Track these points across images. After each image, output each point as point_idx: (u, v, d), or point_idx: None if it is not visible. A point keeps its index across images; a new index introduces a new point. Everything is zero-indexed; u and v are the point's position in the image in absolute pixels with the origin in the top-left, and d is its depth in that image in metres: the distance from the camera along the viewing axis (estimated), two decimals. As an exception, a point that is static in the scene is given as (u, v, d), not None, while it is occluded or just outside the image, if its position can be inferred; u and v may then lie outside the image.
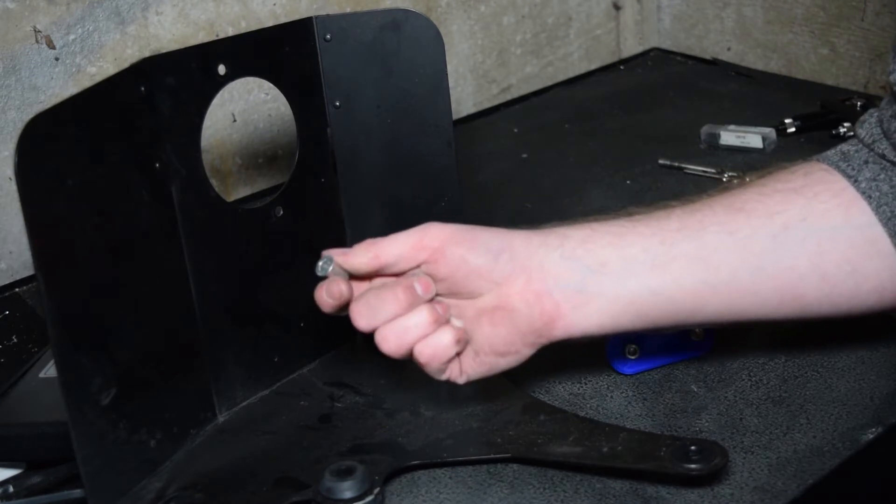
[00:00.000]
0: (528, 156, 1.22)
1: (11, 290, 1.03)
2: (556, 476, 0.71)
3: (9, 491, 0.73)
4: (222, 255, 0.77)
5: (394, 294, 0.67)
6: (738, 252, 0.70)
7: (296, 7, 1.15)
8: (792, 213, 0.71)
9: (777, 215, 0.71)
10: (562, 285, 0.69)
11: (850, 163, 0.72)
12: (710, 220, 0.71)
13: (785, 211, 0.71)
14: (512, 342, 0.70)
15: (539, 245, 0.70)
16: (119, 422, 0.69)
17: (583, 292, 0.69)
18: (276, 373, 0.82)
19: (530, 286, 0.69)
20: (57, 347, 0.65)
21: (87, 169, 0.66)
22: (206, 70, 0.75)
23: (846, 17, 1.26)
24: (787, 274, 0.71)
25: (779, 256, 0.70)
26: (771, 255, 0.70)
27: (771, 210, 0.71)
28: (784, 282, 0.71)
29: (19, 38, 0.99)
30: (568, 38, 1.41)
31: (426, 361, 0.68)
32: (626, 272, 0.69)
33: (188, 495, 0.70)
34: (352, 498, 0.67)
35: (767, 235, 0.70)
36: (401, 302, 0.67)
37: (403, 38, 0.80)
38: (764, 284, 0.71)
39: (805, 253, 0.70)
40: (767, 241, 0.70)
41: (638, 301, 0.70)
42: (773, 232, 0.70)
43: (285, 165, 1.16)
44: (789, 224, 0.70)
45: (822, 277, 0.71)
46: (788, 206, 0.71)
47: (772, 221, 0.71)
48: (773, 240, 0.70)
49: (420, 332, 0.68)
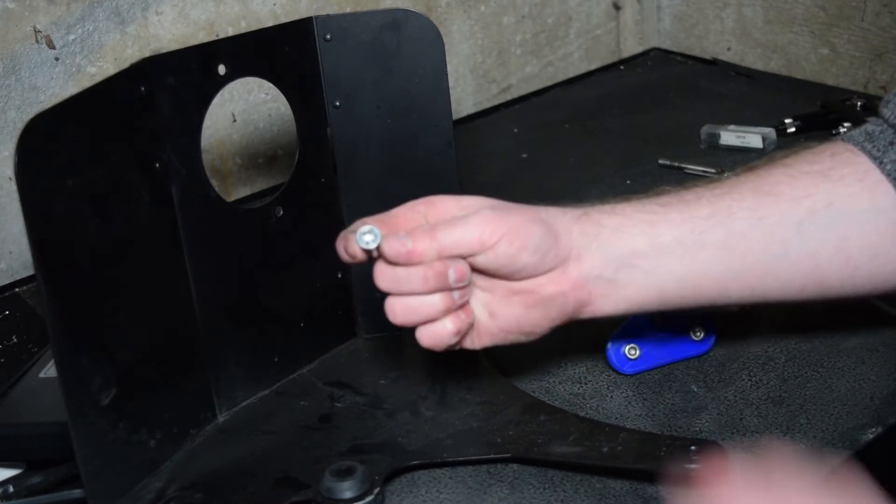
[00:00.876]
0: (528, 156, 1.22)
1: (11, 290, 1.03)
2: (556, 476, 0.71)
3: (9, 491, 0.73)
4: (222, 255, 0.77)
5: (424, 275, 0.67)
6: (765, 239, 0.71)
7: (296, 7, 1.15)
8: (818, 197, 0.71)
9: (804, 199, 0.71)
10: (595, 275, 0.70)
11: (875, 143, 0.73)
12: (738, 206, 0.71)
13: (811, 195, 0.71)
14: (540, 324, 0.71)
15: (579, 235, 0.70)
16: (119, 422, 0.69)
17: (614, 282, 0.70)
18: (276, 373, 0.82)
19: (567, 276, 0.70)
20: (57, 347, 0.65)
21: (87, 169, 0.66)
22: (206, 70, 0.75)
23: (846, 17, 1.26)
24: (811, 259, 0.71)
25: (804, 242, 0.71)
26: (796, 240, 0.71)
27: (798, 194, 0.71)
28: (808, 266, 0.72)
29: (19, 38, 0.99)
30: (568, 38, 1.41)
31: (425, 345, 0.69)
32: (656, 263, 0.70)
33: (188, 495, 0.70)
34: (352, 498, 0.67)
35: (794, 221, 0.71)
36: (428, 284, 0.67)
37: (403, 38, 0.80)
38: (788, 269, 0.72)
39: (830, 238, 0.71)
40: (793, 227, 0.71)
41: (665, 290, 0.71)
42: (800, 218, 0.71)
43: (285, 165, 1.16)
44: (815, 209, 0.71)
45: (846, 262, 0.71)
46: (815, 190, 0.71)
47: (799, 206, 0.71)
48: (799, 226, 0.71)
49: (427, 316, 0.68)
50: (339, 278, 0.85)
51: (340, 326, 0.86)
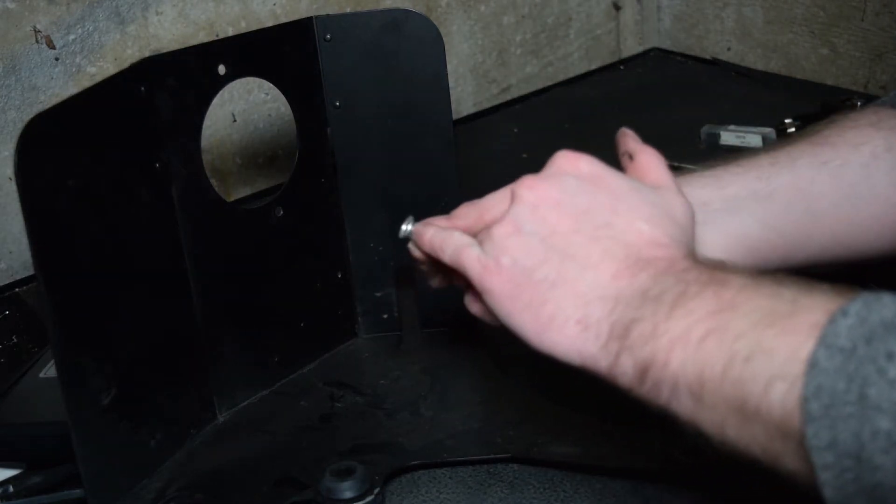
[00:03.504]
0: (527, 156, 1.22)
1: (11, 290, 1.03)
2: (556, 476, 0.71)
3: (9, 491, 0.73)
4: (222, 255, 0.77)
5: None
6: (834, 182, 0.70)
7: (296, 7, 1.15)
8: (876, 143, 0.71)
9: (863, 146, 0.71)
10: None
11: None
12: (798, 153, 0.71)
13: (868, 142, 0.71)
14: None
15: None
16: (119, 422, 0.69)
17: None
18: (276, 373, 0.82)
19: None
20: (57, 347, 0.65)
21: (87, 169, 0.66)
22: (206, 70, 0.75)
23: (846, 17, 1.26)
24: (883, 202, 0.71)
25: (872, 185, 0.70)
26: (865, 183, 0.70)
27: (855, 142, 0.71)
28: (881, 210, 0.71)
29: (19, 38, 0.99)
30: (568, 38, 1.41)
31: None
32: (731, 208, 0.69)
33: (188, 495, 0.70)
34: (352, 498, 0.67)
35: (858, 164, 0.70)
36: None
37: (403, 38, 0.80)
38: (862, 213, 0.71)
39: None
40: (859, 169, 0.70)
41: (749, 235, 0.70)
42: (863, 161, 0.70)
43: (285, 165, 1.16)
44: (876, 154, 0.70)
45: None
46: (870, 139, 0.71)
47: (859, 152, 0.71)
48: (865, 168, 0.70)
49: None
50: (339, 278, 0.85)
51: (340, 326, 0.86)
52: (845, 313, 0.45)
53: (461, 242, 0.62)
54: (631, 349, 0.54)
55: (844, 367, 0.44)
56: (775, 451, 0.48)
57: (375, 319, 0.87)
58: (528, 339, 0.58)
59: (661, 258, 0.56)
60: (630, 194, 0.59)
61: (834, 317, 0.45)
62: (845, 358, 0.44)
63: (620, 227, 0.58)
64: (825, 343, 0.45)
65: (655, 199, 0.60)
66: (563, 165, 0.61)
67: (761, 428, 0.48)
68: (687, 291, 0.53)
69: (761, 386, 0.47)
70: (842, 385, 0.44)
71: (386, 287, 0.86)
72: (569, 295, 0.57)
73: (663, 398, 0.53)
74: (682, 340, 0.51)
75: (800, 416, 0.45)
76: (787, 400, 0.46)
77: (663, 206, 0.60)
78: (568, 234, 0.58)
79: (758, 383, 0.47)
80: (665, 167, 0.63)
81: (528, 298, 0.58)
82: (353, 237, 0.85)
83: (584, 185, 0.60)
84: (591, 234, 0.58)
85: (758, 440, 0.48)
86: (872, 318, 0.44)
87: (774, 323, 0.48)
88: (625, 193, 0.59)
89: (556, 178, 0.60)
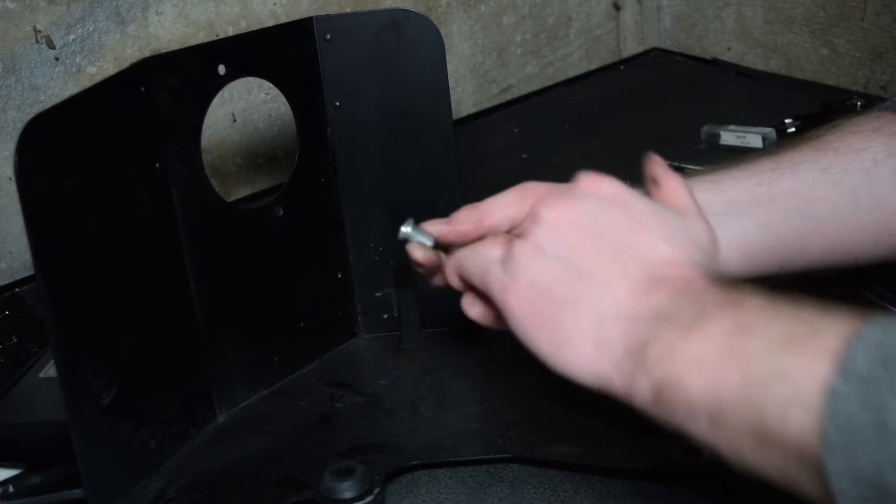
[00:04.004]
0: (527, 156, 1.22)
1: (11, 290, 1.03)
2: (556, 476, 0.71)
3: (9, 491, 0.73)
4: (222, 255, 0.77)
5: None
6: (835, 187, 0.71)
7: (296, 7, 1.15)
8: (878, 148, 0.72)
9: (864, 151, 0.72)
10: None
11: None
12: (800, 159, 0.72)
13: (870, 147, 0.72)
14: None
15: None
16: (119, 422, 0.69)
17: None
18: (276, 373, 0.82)
19: None
20: (57, 347, 0.65)
21: (87, 169, 0.66)
22: (206, 70, 0.75)
23: (846, 17, 1.26)
24: (883, 209, 0.72)
25: (873, 191, 0.71)
26: (865, 189, 0.71)
27: (857, 147, 0.72)
28: (880, 217, 0.72)
29: (19, 38, 0.99)
30: (568, 38, 1.41)
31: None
32: (732, 213, 0.70)
33: (188, 495, 0.70)
34: (352, 498, 0.67)
35: (859, 170, 0.71)
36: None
37: (403, 38, 0.80)
38: (862, 219, 0.72)
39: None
40: (860, 175, 0.71)
41: (749, 240, 0.70)
42: (865, 167, 0.71)
43: (285, 165, 1.16)
44: (877, 159, 0.71)
45: None
46: (872, 144, 0.72)
47: (861, 157, 0.71)
48: (866, 174, 0.71)
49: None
50: (339, 278, 0.85)
51: (340, 326, 0.86)
52: (862, 337, 0.45)
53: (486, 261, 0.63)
54: (646, 369, 0.54)
55: (862, 394, 0.44)
56: (793, 475, 0.48)
57: (375, 319, 0.87)
58: (544, 358, 0.59)
59: (678, 277, 0.56)
60: (651, 216, 0.60)
61: (851, 341, 0.45)
62: (863, 385, 0.44)
63: (640, 248, 0.58)
64: (843, 369, 0.45)
65: (677, 223, 0.60)
66: (586, 186, 0.62)
67: (779, 452, 0.48)
68: (703, 312, 0.53)
69: (779, 411, 0.47)
70: (859, 412, 0.44)
71: (386, 287, 0.86)
72: (586, 314, 0.57)
73: (678, 418, 0.53)
74: (698, 362, 0.51)
75: (818, 443, 0.45)
76: (805, 426, 0.46)
77: (685, 229, 0.60)
78: (588, 254, 0.58)
79: (776, 408, 0.47)
80: (689, 193, 0.63)
81: (545, 318, 0.58)
82: (353, 237, 0.85)
83: (606, 206, 0.60)
84: (611, 255, 0.58)
85: (775, 463, 0.49)
86: (889, 343, 0.44)
87: (791, 347, 0.48)
88: (646, 215, 0.60)
89: (578, 199, 0.61)
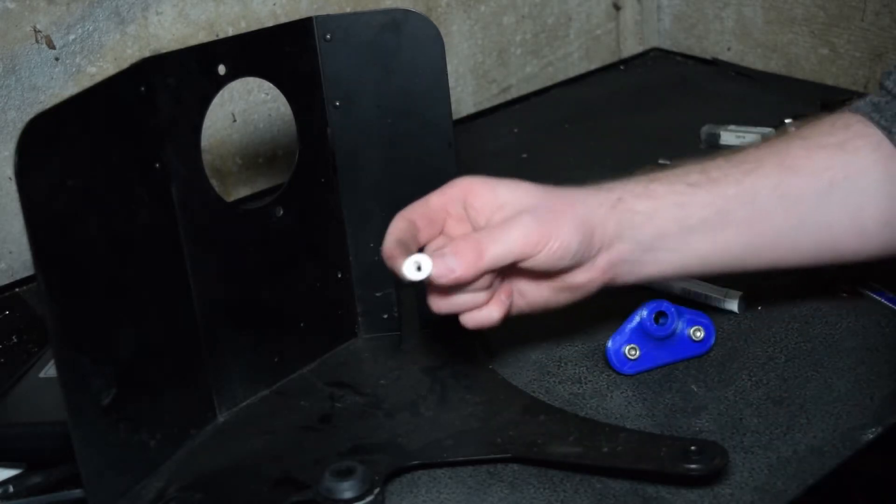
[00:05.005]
0: (527, 156, 1.22)
1: (11, 290, 1.03)
2: (556, 476, 0.71)
3: (9, 491, 0.73)
4: (222, 255, 0.77)
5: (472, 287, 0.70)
6: (786, 212, 0.74)
7: (296, 7, 1.15)
8: (836, 170, 0.74)
9: (824, 172, 0.74)
10: (623, 259, 0.73)
11: (882, 114, 0.75)
12: (762, 184, 0.74)
13: (830, 168, 0.74)
14: (565, 301, 0.75)
15: (614, 226, 0.72)
16: (119, 422, 0.69)
17: (640, 262, 0.74)
18: (276, 373, 0.82)
19: (597, 265, 0.72)
20: (57, 347, 0.65)
21: (87, 169, 0.66)
22: (206, 70, 0.75)
23: (846, 17, 1.26)
24: (828, 230, 0.75)
25: (821, 215, 0.74)
26: (815, 213, 0.74)
27: (818, 167, 0.74)
28: (824, 237, 0.75)
29: (19, 38, 0.99)
30: (568, 38, 1.41)
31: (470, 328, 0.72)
32: (683, 243, 0.73)
33: (188, 495, 0.70)
34: (352, 498, 0.67)
35: (814, 195, 0.74)
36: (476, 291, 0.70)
37: (403, 38, 0.80)
38: (804, 240, 0.75)
39: (846, 210, 0.74)
40: (813, 200, 0.74)
41: (687, 265, 0.75)
42: (820, 191, 0.74)
43: (285, 165, 1.16)
44: (834, 181, 0.73)
45: (860, 232, 0.75)
46: (833, 163, 0.74)
47: (818, 180, 0.74)
48: (819, 199, 0.74)
49: (473, 306, 0.71)
50: (339, 278, 0.85)
51: (340, 326, 0.86)
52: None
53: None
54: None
55: None
56: None
57: (375, 319, 0.87)
58: None
59: None
60: None
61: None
62: None
63: None
64: None
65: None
66: None
67: None
68: None
69: None
70: None
71: (386, 287, 0.86)
72: None
73: None
74: None
75: None
76: None
77: None
78: None
79: None
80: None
81: None
82: (353, 237, 0.85)
83: None
84: None
85: None
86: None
87: None
88: None
89: None
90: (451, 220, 0.73)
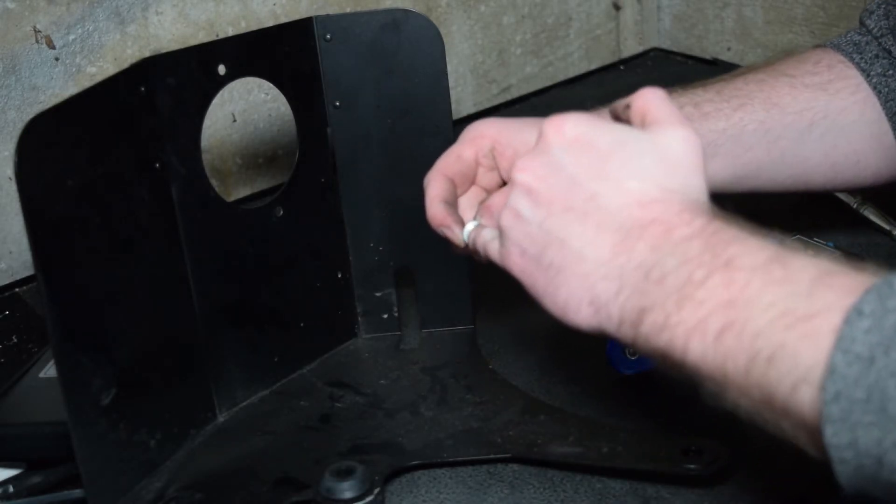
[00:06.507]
0: (528, 156, 1.22)
1: (11, 290, 1.03)
2: (556, 476, 0.71)
3: (9, 491, 0.73)
4: (222, 255, 0.77)
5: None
6: (768, 147, 0.79)
7: (296, 7, 1.15)
8: (817, 110, 0.79)
9: (806, 112, 0.79)
10: None
11: (862, 55, 0.81)
12: (749, 119, 0.78)
13: (812, 108, 0.79)
14: None
15: None
16: (119, 422, 0.69)
17: None
18: (276, 373, 0.82)
19: None
20: (57, 347, 0.65)
21: (87, 169, 0.66)
22: (206, 70, 0.75)
23: (846, 17, 1.26)
24: (803, 164, 0.80)
25: (799, 150, 0.80)
26: (793, 149, 0.79)
27: (801, 107, 0.79)
28: (799, 170, 0.81)
29: (19, 38, 0.99)
30: (568, 38, 1.41)
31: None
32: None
33: (188, 495, 0.70)
34: (352, 498, 0.67)
35: (795, 132, 0.79)
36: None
37: (403, 38, 0.80)
38: (781, 172, 0.80)
39: (821, 147, 0.80)
40: (794, 136, 0.79)
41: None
42: (801, 129, 0.79)
43: (285, 165, 1.16)
44: (814, 121, 0.79)
45: (832, 167, 0.81)
46: (815, 103, 0.79)
47: (801, 118, 0.79)
48: (799, 136, 0.79)
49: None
50: (339, 278, 0.85)
51: (340, 326, 0.86)
52: (860, 313, 0.45)
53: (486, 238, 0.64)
54: (647, 338, 0.54)
55: (864, 378, 0.44)
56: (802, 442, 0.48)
57: (375, 319, 0.87)
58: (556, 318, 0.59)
59: (656, 222, 0.55)
60: (616, 151, 0.58)
61: (849, 318, 0.45)
62: (864, 367, 0.44)
63: (607, 195, 0.57)
64: (842, 348, 0.45)
65: (645, 147, 0.58)
66: (549, 135, 0.60)
67: (788, 423, 0.48)
68: (692, 278, 0.52)
69: (788, 388, 0.47)
70: (861, 395, 0.44)
71: (386, 287, 0.86)
72: (574, 278, 0.57)
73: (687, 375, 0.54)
74: (698, 332, 0.51)
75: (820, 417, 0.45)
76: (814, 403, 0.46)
77: (654, 151, 0.58)
78: (562, 214, 0.58)
79: (784, 385, 0.47)
80: (661, 102, 0.62)
81: (542, 285, 0.58)
82: (353, 237, 0.85)
83: (570, 154, 0.59)
84: (582, 210, 0.57)
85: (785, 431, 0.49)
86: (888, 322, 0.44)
87: (794, 325, 0.47)
88: (611, 151, 0.58)
89: (544, 154, 0.60)
90: (482, 170, 0.71)
